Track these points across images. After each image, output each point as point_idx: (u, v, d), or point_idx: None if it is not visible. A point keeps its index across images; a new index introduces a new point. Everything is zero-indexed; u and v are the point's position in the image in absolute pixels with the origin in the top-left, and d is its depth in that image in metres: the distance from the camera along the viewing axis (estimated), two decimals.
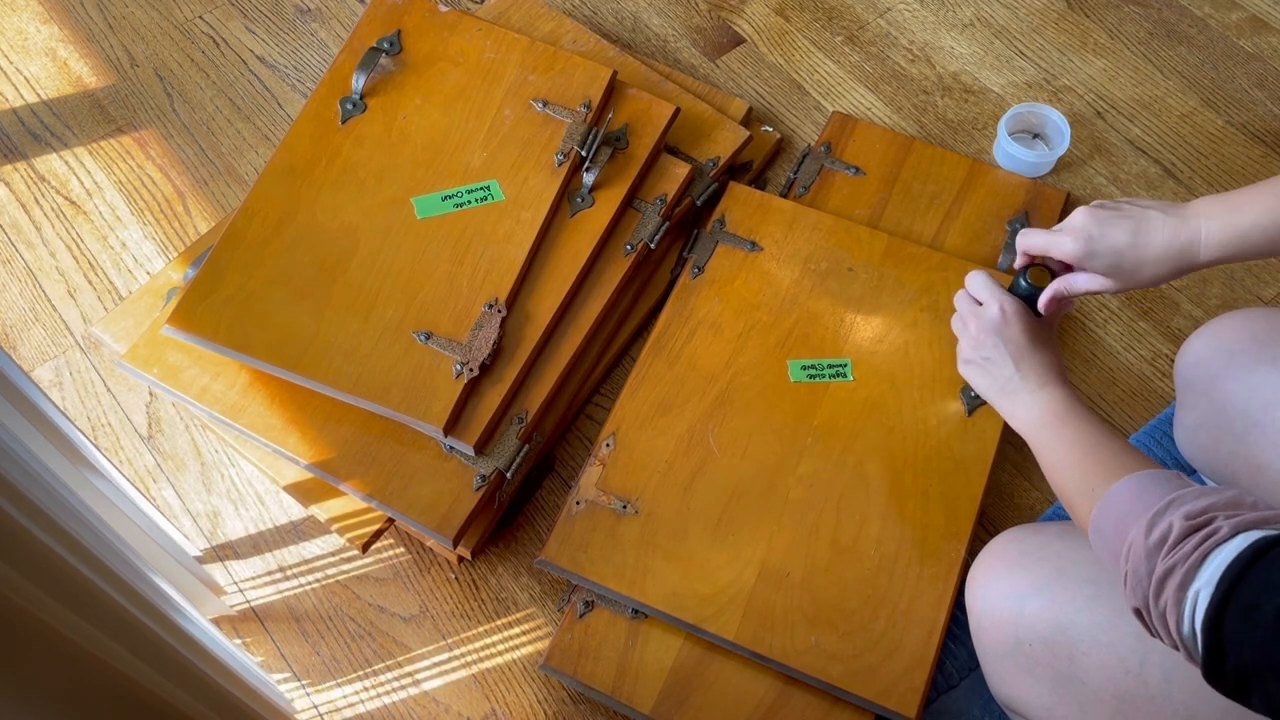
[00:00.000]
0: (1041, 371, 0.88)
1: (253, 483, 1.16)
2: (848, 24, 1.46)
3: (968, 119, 1.37)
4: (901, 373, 1.12)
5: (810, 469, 1.07)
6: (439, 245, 1.13)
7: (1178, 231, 0.82)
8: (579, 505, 1.06)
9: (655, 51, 1.44)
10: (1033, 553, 0.85)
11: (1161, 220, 0.82)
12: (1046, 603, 0.81)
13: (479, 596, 1.10)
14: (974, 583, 0.88)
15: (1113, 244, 0.84)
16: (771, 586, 1.01)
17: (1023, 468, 1.14)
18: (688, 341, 1.14)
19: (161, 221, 1.32)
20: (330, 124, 1.19)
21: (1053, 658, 0.80)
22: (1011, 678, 0.84)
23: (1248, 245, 0.80)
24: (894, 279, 1.17)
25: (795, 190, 1.27)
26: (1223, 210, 0.80)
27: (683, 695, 0.98)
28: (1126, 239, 0.83)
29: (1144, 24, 1.44)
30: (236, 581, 1.11)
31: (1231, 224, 0.80)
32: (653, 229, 1.18)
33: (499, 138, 1.18)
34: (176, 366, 1.11)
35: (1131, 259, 0.84)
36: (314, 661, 1.07)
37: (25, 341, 1.25)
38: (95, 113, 1.41)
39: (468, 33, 1.24)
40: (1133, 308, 1.23)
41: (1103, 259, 0.85)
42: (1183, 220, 0.82)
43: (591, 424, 1.18)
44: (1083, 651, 0.78)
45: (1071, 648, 0.79)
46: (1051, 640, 0.80)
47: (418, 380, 1.06)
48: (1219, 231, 0.80)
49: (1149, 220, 0.83)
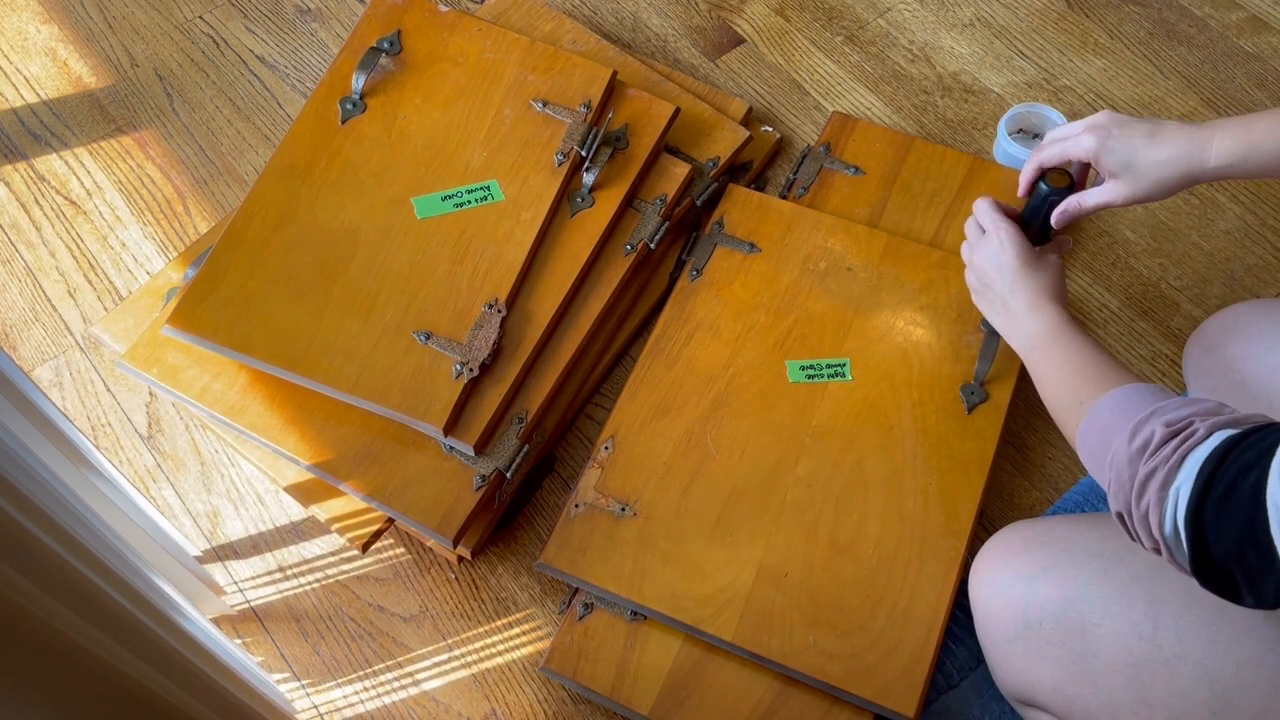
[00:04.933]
0: (1035, 294, 0.92)
1: (253, 483, 1.16)
2: (848, 24, 1.46)
3: (968, 119, 1.37)
4: (901, 372, 1.12)
5: (809, 469, 1.07)
6: (439, 245, 1.13)
7: (1192, 136, 0.86)
8: (577, 508, 1.06)
9: (655, 51, 1.44)
10: (1037, 538, 0.86)
11: (1177, 126, 0.87)
12: (1055, 580, 0.82)
13: (479, 596, 1.10)
14: (978, 572, 0.89)
15: (1129, 138, 0.88)
16: (770, 587, 1.01)
17: (1023, 468, 1.14)
18: (686, 344, 1.14)
19: (161, 221, 1.33)
20: (330, 124, 1.19)
21: (1064, 634, 0.80)
22: (1020, 663, 0.84)
23: (1256, 156, 0.84)
24: (893, 278, 1.17)
25: (795, 190, 1.27)
26: (1236, 123, 0.85)
27: (681, 696, 0.98)
28: (1142, 135, 0.88)
29: (1144, 24, 1.44)
30: (236, 581, 1.12)
31: (1243, 133, 0.84)
32: (653, 229, 1.18)
33: (499, 138, 1.18)
34: (176, 366, 1.11)
35: (1145, 157, 0.87)
36: (314, 661, 1.07)
37: (25, 341, 1.25)
38: (95, 113, 1.41)
39: (468, 33, 1.24)
40: (1133, 308, 1.23)
41: (1117, 156, 0.88)
42: (1197, 128, 0.86)
43: (591, 424, 1.18)
44: (1094, 623, 0.79)
45: (1083, 620, 0.79)
46: (1062, 616, 0.81)
47: (418, 380, 1.06)
48: (1230, 138, 0.84)
49: (1165, 124, 0.88)
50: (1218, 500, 0.62)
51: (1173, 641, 0.75)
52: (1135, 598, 0.78)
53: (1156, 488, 0.66)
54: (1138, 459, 0.68)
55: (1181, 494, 0.64)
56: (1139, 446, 0.68)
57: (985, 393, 1.10)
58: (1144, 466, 0.67)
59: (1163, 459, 0.66)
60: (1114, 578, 0.80)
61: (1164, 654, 0.75)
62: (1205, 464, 0.63)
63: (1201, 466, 0.64)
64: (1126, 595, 0.78)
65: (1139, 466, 0.68)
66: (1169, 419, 0.68)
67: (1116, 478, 0.70)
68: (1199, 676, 0.74)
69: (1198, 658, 0.74)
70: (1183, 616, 0.75)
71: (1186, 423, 0.67)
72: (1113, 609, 0.78)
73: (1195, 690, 0.73)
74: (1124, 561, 0.80)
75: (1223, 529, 0.62)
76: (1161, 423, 0.68)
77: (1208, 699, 0.73)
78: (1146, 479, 0.67)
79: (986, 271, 0.96)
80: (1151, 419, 0.69)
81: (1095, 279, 1.25)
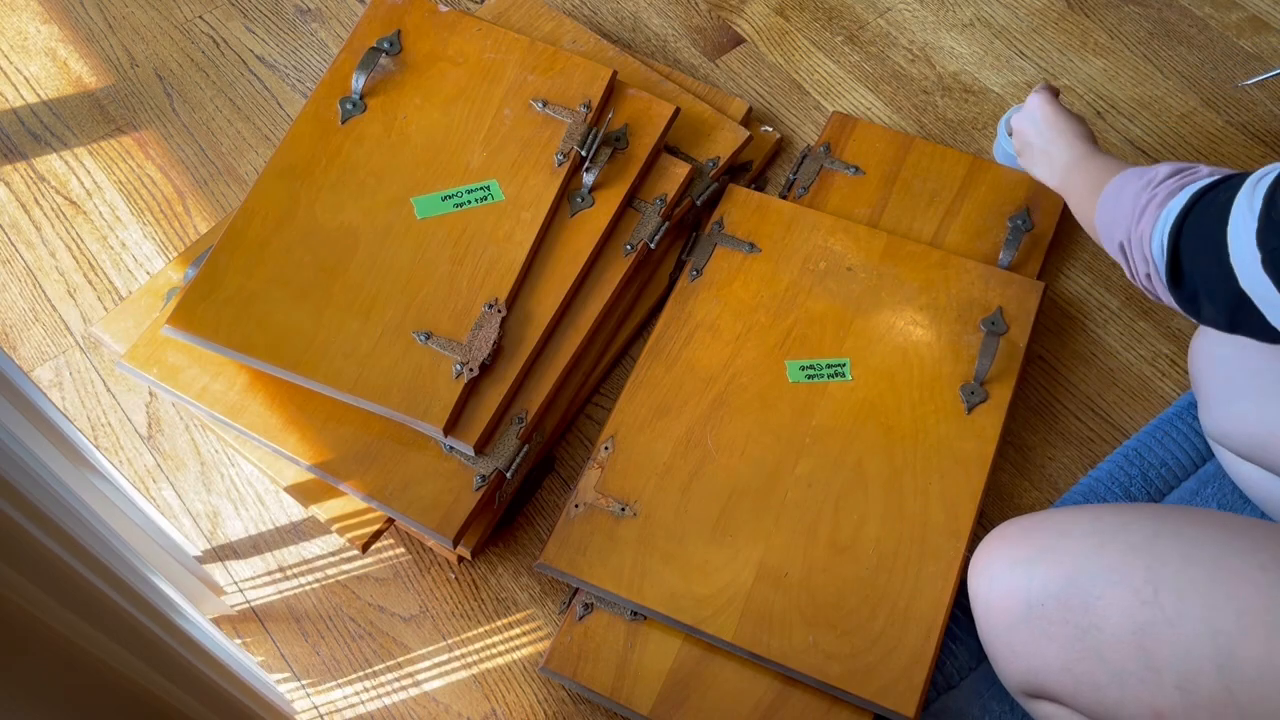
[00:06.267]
0: (1068, 136, 1.04)
1: (253, 483, 1.16)
2: (848, 24, 1.46)
3: (968, 119, 1.37)
4: (901, 371, 1.12)
5: (809, 469, 1.07)
6: (439, 245, 1.13)
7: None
8: (577, 509, 1.06)
9: (655, 51, 1.44)
10: (1033, 527, 0.88)
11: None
12: (1053, 560, 0.84)
13: (479, 596, 1.10)
14: (976, 565, 0.90)
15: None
16: (769, 587, 1.01)
17: (1023, 468, 1.14)
18: (686, 344, 1.14)
19: (161, 221, 1.33)
20: (330, 124, 1.19)
21: (1067, 611, 0.81)
22: (1025, 648, 0.85)
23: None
24: (893, 277, 1.17)
25: (795, 190, 1.27)
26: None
27: (681, 696, 0.98)
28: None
29: (1144, 24, 1.44)
30: (236, 581, 1.12)
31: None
32: (653, 229, 1.18)
33: (499, 138, 1.18)
34: (176, 366, 1.11)
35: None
36: (314, 661, 1.07)
37: (25, 341, 1.25)
38: (95, 113, 1.41)
39: (468, 33, 1.24)
40: (1133, 308, 1.23)
41: None
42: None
43: (591, 424, 1.18)
44: (1096, 595, 0.80)
45: (1085, 594, 0.80)
46: (1063, 594, 0.82)
47: (418, 380, 1.06)
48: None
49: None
50: (1197, 214, 0.73)
51: (1174, 600, 0.76)
52: (1134, 566, 0.79)
53: (1155, 207, 0.77)
54: (1144, 190, 0.79)
55: (1173, 211, 0.75)
56: (1146, 181, 0.79)
57: (985, 393, 1.10)
58: (1146, 194, 0.78)
59: (1165, 187, 0.77)
60: (1111, 550, 0.81)
61: (1167, 615, 0.76)
62: (1198, 190, 0.74)
63: (1195, 191, 0.74)
64: (1125, 564, 0.80)
65: (1143, 194, 0.78)
66: (1175, 165, 0.79)
67: (1124, 211, 0.80)
68: (1202, 632, 0.75)
69: (1200, 613, 0.75)
70: (1182, 574, 0.77)
71: (1193, 167, 0.77)
72: (1113, 579, 0.80)
73: (1200, 646, 0.74)
74: (1120, 535, 0.81)
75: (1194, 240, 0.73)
76: (1168, 165, 0.79)
77: (1212, 653, 0.74)
78: (1148, 203, 0.78)
79: (1026, 131, 1.09)
80: (1159, 166, 0.80)
81: (1095, 279, 1.25)
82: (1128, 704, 0.78)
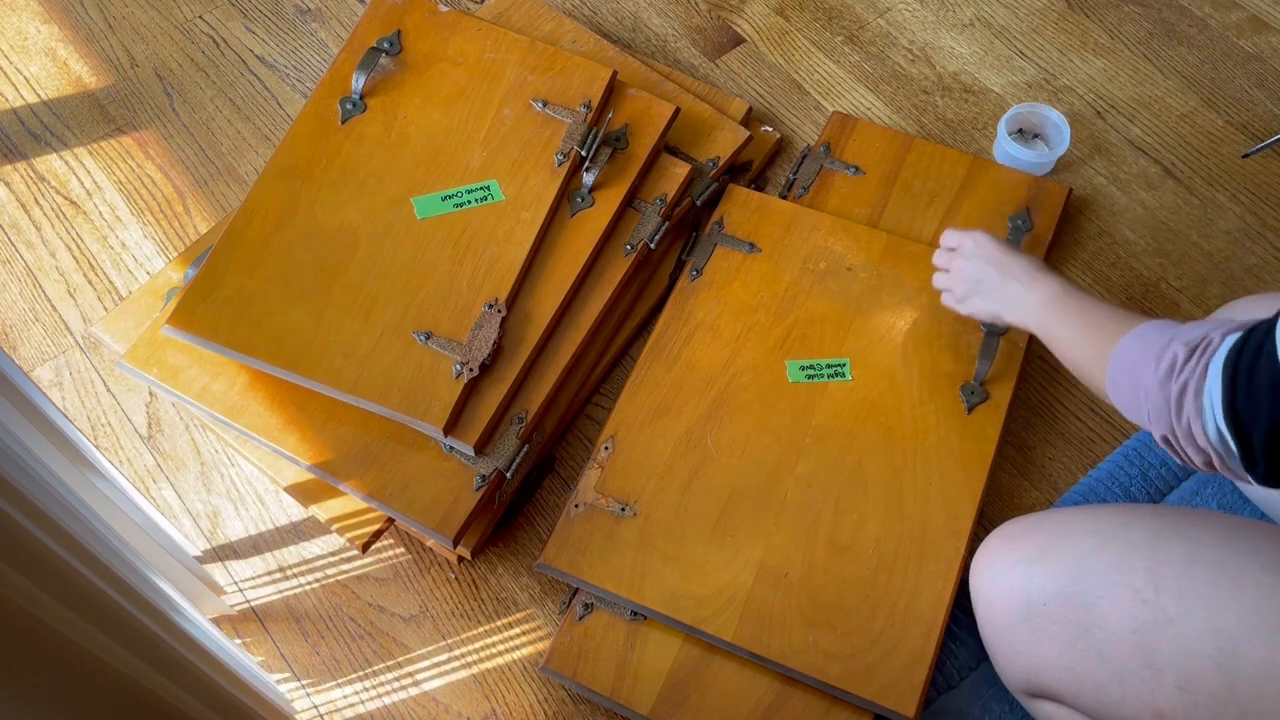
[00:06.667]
0: (1027, 270, 0.97)
1: (253, 483, 1.16)
2: (848, 24, 1.46)
3: (968, 119, 1.37)
4: (900, 371, 1.12)
5: (808, 469, 1.07)
6: (439, 245, 1.13)
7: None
8: (577, 508, 1.06)
9: (655, 51, 1.44)
10: (1034, 527, 0.89)
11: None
12: (1054, 560, 0.84)
13: (479, 596, 1.10)
14: (978, 564, 0.91)
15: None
16: (769, 587, 1.01)
17: (1023, 468, 1.14)
18: (686, 344, 1.14)
19: (161, 221, 1.33)
20: (330, 124, 1.19)
21: (1068, 610, 0.82)
22: (1026, 647, 0.85)
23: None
24: (893, 278, 1.17)
25: (795, 190, 1.27)
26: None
27: (681, 696, 0.98)
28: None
29: (1144, 24, 1.44)
30: (236, 581, 1.12)
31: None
32: (653, 229, 1.18)
33: (499, 138, 1.18)
34: (176, 366, 1.11)
35: None
36: (314, 661, 1.07)
37: (25, 341, 1.25)
38: (95, 113, 1.41)
39: (468, 33, 1.24)
40: (1132, 308, 1.23)
41: None
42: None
43: (591, 424, 1.18)
44: (1097, 594, 0.80)
45: (1086, 593, 0.81)
46: (1065, 592, 0.82)
47: (418, 380, 1.06)
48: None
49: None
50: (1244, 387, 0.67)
51: (1175, 601, 0.77)
52: (1135, 565, 0.79)
53: (1191, 398, 0.71)
54: (1167, 381, 0.73)
55: (1214, 396, 0.69)
56: (1165, 370, 0.73)
57: (985, 393, 1.10)
58: (1174, 385, 0.72)
59: (1190, 372, 0.71)
60: (1112, 549, 0.81)
61: (1168, 615, 0.77)
62: (1226, 363, 0.68)
63: (1224, 367, 0.69)
64: (1126, 564, 0.80)
65: (1170, 386, 0.73)
66: (1187, 339, 0.73)
67: (1153, 406, 0.74)
68: (1203, 632, 0.75)
69: (1201, 614, 0.75)
70: (1184, 576, 0.77)
71: (1203, 337, 0.72)
72: (1114, 579, 0.80)
73: (1201, 646, 0.75)
74: (1121, 534, 0.82)
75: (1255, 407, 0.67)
76: (1181, 344, 0.73)
77: (1213, 652, 0.74)
78: (1180, 395, 0.72)
79: (972, 272, 1.00)
80: (1172, 344, 0.74)
81: (1095, 279, 1.25)
82: (1128, 703, 0.78)
